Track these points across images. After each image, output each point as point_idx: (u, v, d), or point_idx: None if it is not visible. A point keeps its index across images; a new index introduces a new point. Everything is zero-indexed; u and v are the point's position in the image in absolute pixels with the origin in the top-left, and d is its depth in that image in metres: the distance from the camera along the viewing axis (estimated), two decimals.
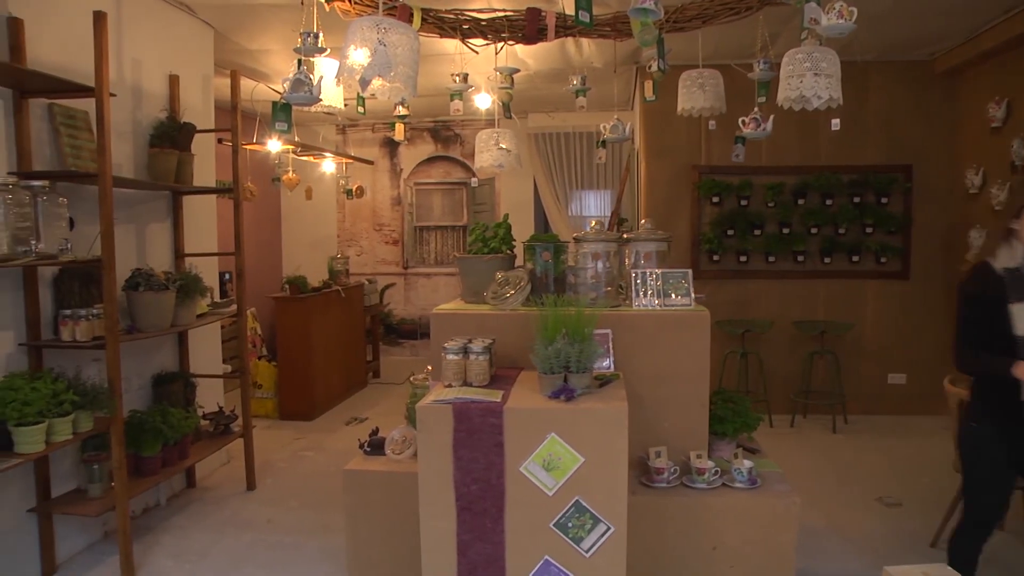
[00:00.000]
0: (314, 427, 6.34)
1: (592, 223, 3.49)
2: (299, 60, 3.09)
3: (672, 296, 3.20)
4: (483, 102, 5.67)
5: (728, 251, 6.38)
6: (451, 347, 2.67)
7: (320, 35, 3.21)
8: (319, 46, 3.20)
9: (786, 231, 6.29)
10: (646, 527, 2.83)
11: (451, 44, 4.09)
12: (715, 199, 6.31)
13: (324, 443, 5.82)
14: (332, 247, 9.18)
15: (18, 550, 3.43)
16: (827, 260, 6.33)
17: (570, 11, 3.51)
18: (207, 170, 4.96)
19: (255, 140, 6.73)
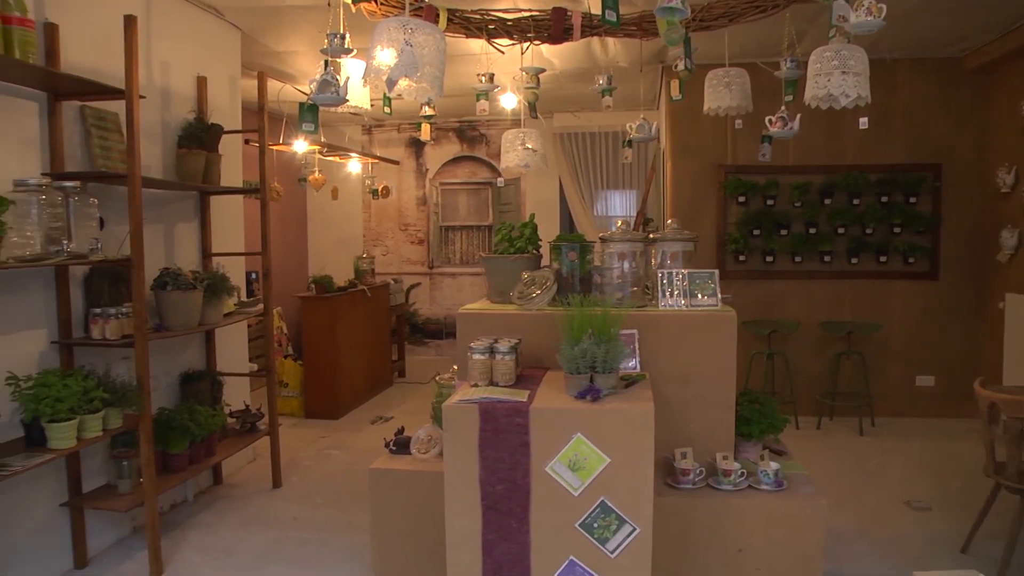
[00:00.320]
0: (339, 426, 6.37)
1: (618, 223, 3.49)
2: (325, 61, 3.11)
3: (699, 296, 3.19)
4: (509, 102, 5.69)
5: (754, 251, 6.33)
6: (477, 347, 2.68)
7: (347, 36, 3.22)
8: (345, 47, 3.22)
9: (813, 231, 6.23)
10: (671, 529, 2.82)
11: (477, 44, 4.11)
12: (741, 199, 6.27)
13: (349, 442, 5.85)
14: (358, 247, 9.23)
15: (52, 543, 3.49)
16: (854, 260, 6.25)
17: (596, 10, 3.50)
18: (234, 170, 5.02)
19: (282, 141, 6.78)
